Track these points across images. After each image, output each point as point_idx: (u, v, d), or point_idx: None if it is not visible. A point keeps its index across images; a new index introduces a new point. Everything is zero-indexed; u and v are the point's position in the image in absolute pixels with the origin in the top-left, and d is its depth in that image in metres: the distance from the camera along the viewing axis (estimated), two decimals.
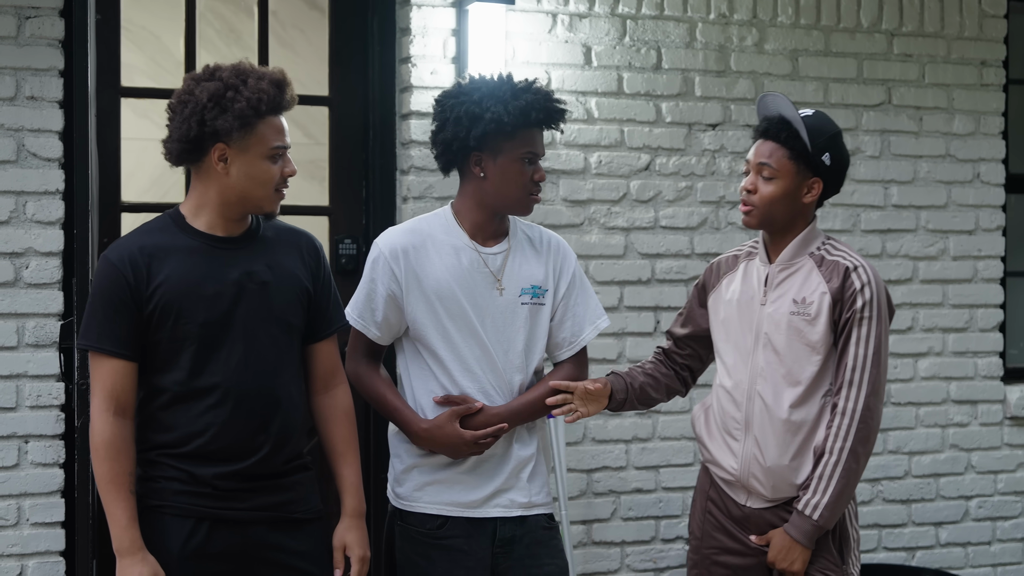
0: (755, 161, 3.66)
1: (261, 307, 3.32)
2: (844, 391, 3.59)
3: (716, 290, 3.85)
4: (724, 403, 3.76)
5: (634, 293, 5.34)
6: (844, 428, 3.58)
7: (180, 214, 3.35)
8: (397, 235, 3.64)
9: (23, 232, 4.55)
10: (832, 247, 3.72)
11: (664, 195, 5.40)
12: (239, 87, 3.23)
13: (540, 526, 3.64)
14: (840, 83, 5.65)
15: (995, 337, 5.93)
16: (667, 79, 5.40)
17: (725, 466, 3.75)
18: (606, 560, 5.34)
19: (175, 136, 3.28)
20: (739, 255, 3.86)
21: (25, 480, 4.55)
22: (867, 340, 3.60)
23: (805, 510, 3.60)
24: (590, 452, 5.30)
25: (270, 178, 3.29)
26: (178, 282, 3.25)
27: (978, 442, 5.90)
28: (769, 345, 3.67)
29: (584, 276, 3.79)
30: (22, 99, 4.56)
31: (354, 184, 5.21)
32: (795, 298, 3.65)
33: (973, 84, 5.86)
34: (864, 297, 3.61)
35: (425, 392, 3.60)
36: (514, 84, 3.57)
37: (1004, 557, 5.95)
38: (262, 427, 3.31)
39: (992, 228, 5.92)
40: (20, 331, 4.54)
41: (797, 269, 3.68)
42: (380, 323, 3.61)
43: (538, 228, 3.76)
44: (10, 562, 4.54)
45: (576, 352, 3.74)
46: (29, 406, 4.55)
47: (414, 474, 3.60)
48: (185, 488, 3.28)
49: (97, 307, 3.26)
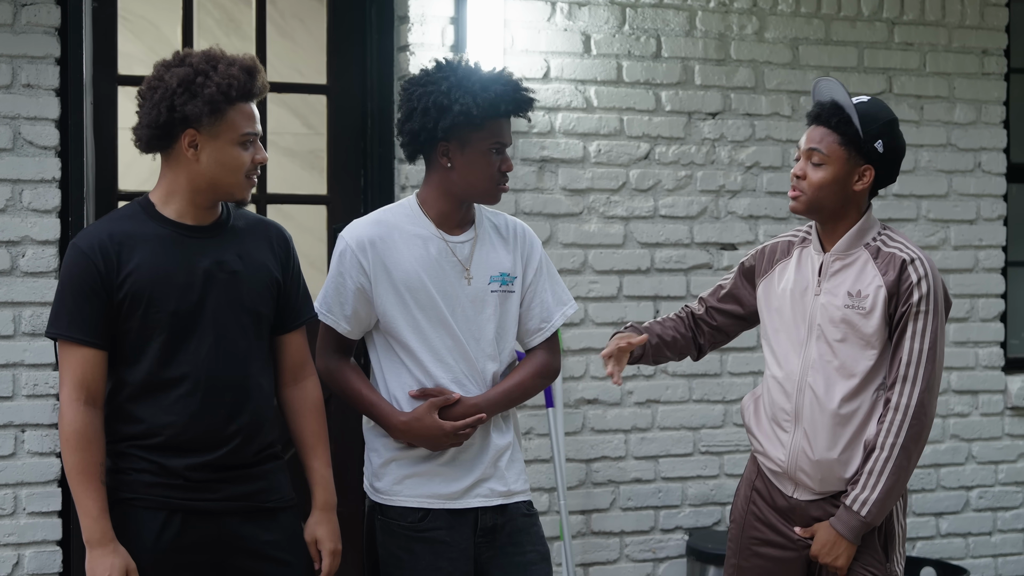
0: (805, 147, 3.59)
1: (231, 297, 3.29)
2: (898, 386, 3.52)
3: (768, 276, 3.76)
4: (774, 394, 3.69)
5: (633, 282, 5.33)
6: (897, 424, 3.51)
7: (150, 202, 3.31)
8: (363, 227, 3.58)
9: (19, 220, 4.54)
10: (888, 237, 3.63)
11: (664, 184, 5.39)
12: (209, 72, 3.20)
13: (520, 513, 3.62)
14: (841, 72, 5.62)
15: (996, 327, 5.92)
16: (667, 67, 5.38)
17: (773, 457, 3.68)
18: (605, 550, 5.32)
19: (144, 122, 3.25)
20: (793, 241, 3.77)
21: (22, 469, 4.54)
22: (923, 335, 3.52)
23: (853, 506, 3.53)
24: (589, 442, 5.29)
25: (240, 164, 3.26)
26: (149, 270, 3.22)
27: (979, 432, 5.88)
28: (823, 337, 3.60)
29: (550, 262, 3.75)
30: (18, 87, 4.54)
31: (352, 173, 5.19)
32: (850, 291, 3.57)
33: (974, 73, 5.84)
34: (921, 291, 3.52)
35: (399, 385, 3.56)
36: (483, 74, 3.52)
37: (1005, 547, 5.94)
38: (232, 417, 3.28)
39: (993, 217, 5.90)
40: (16, 320, 4.52)
41: (853, 260, 3.60)
42: (350, 317, 3.56)
43: (502, 215, 3.72)
44: (7, 551, 4.53)
45: (547, 338, 3.71)
46: (26, 395, 4.54)
47: (392, 467, 3.57)
48: (157, 480, 3.24)
49: (67, 295, 3.22)
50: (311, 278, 3.61)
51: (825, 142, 3.56)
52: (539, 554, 3.63)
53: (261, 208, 5.13)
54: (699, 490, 5.46)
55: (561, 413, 5.13)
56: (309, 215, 5.43)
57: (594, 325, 5.29)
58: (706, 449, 5.47)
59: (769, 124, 5.52)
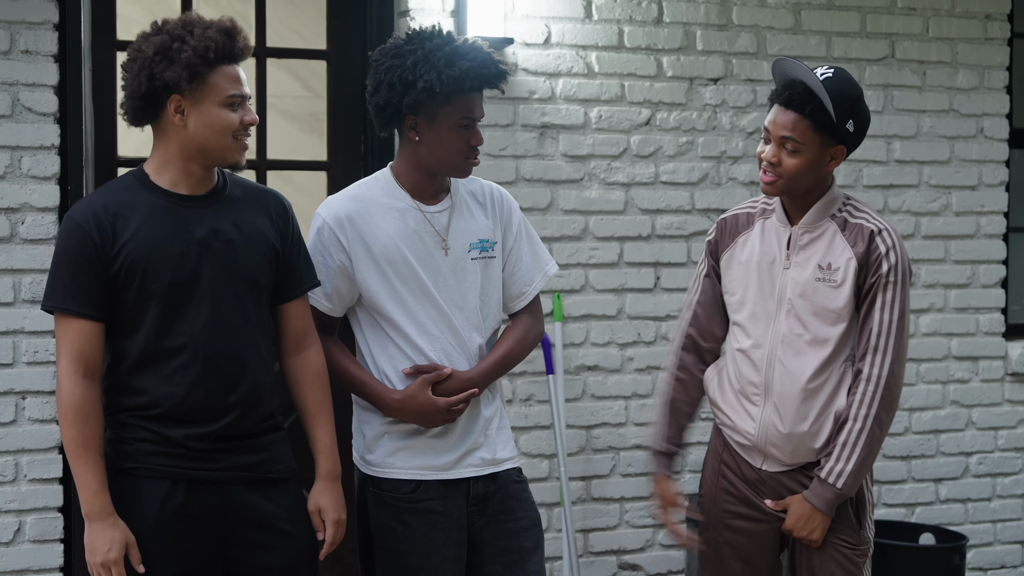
0: (777, 133, 3.53)
1: (228, 266, 3.27)
2: (869, 357, 3.54)
3: (731, 249, 3.75)
4: (742, 367, 3.68)
5: (634, 249, 5.31)
6: (869, 395, 3.53)
7: (144, 172, 3.29)
8: (339, 203, 3.55)
9: (19, 187, 4.52)
10: (854, 207, 3.64)
11: (665, 150, 5.37)
12: (185, 37, 3.18)
13: (511, 480, 3.63)
14: (843, 37, 5.60)
15: (997, 293, 5.91)
16: (668, 33, 5.35)
17: (742, 430, 3.69)
18: (605, 516, 5.34)
19: (128, 93, 3.24)
20: (753, 212, 3.75)
21: (23, 436, 4.54)
22: (892, 305, 3.54)
23: (828, 478, 3.55)
24: (589, 408, 5.29)
25: (228, 125, 3.23)
26: (144, 241, 3.20)
27: (979, 398, 5.88)
28: (792, 311, 3.60)
29: (529, 225, 3.73)
30: (16, 53, 4.52)
31: (352, 139, 5.17)
32: (820, 263, 3.58)
33: (977, 38, 5.81)
34: (890, 262, 3.54)
35: (387, 359, 3.54)
36: (452, 48, 3.44)
37: (1004, 513, 5.95)
38: (232, 387, 3.27)
39: (995, 183, 5.89)
40: (16, 287, 4.51)
41: (821, 233, 3.60)
42: (331, 295, 3.53)
43: (478, 181, 3.69)
44: (8, 518, 4.54)
45: (529, 302, 3.70)
46: (26, 362, 4.53)
47: (385, 440, 3.56)
48: (158, 449, 3.23)
49: (62, 267, 3.20)
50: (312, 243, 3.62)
51: (799, 129, 3.51)
52: (530, 520, 3.65)
53: (261, 174, 5.11)
54: (699, 456, 5.43)
55: (561, 379, 5.14)
56: (309, 179, 5.41)
57: (595, 292, 5.28)
58: (706, 416, 5.44)
59: (771, 90, 5.46)
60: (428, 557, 3.51)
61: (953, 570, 5.24)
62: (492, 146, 5.06)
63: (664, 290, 5.38)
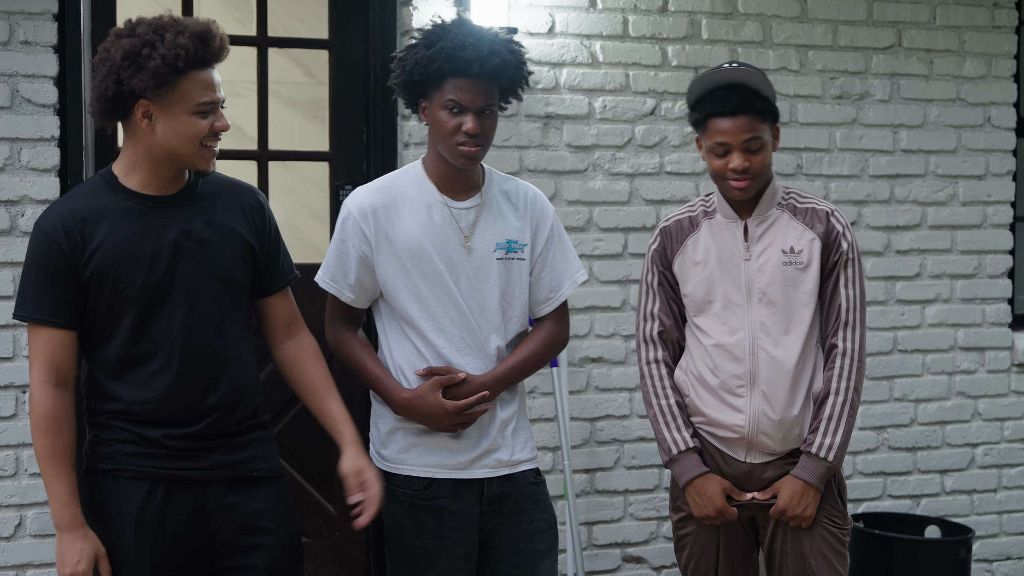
0: (739, 140, 3.59)
1: (201, 265, 3.22)
2: (843, 332, 3.66)
3: (681, 253, 3.77)
4: (720, 361, 3.69)
5: (639, 240, 5.27)
6: (847, 368, 3.65)
7: (112, 174, 3.23)
8: (366, 194, 3.53)
9: (18, 180, 4.49)
10: (797, 195, 3.76)
11: (669, 140, 5.33)
12: (155, 43, 3.08)
13: (527, 481, 3.59)
14: (849, 25, 5.55)
15: (1004, 283, 5.87)
16: (673, 22, 5.31)
17: (728, 425, 3.70)
18: (609, 508, 5.31)
19: (95, 95, 3.17)
20: (694, 215, 3.80)
21: (23, 430, 4.52)
22: (854, 281, 3.69)
23: (820, 452, 3.62)
24: (593, 400, 5.26)
25: (196, 133, 3.15)
26: (114, 245, 3.14)
27: (985, 389, 5.85)
28: (764, 298, 3.67)
29: (563, 230, 3.68)
30: (16, 44, 4.48)
31: (355, 129, 5.14)
32: (783, 248, 3.66)
33: (985, 26, 5.76)
34: (848, 239, 3.69)
35: (402, 355, 3.51)
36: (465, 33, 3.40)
37: (1010, 504, 5.92)
38: (211, 388, 3.22)
39: (1002, 173, 5.85)
40: (16, 280, 4.48)
41: (774, 220, 3.71)
42: (353, 285, 3.52)
43: (515, 181, 3.65)
44: (9, 512, 4.52)
45: (556, 308, 3.65)
46: (26, 356, 4.50)
47: (398, 436, 3.53)
48: (138, 450, 3.19)
49: (31, 276, 3.16)
50: (314, 230, 3.56)
51: (758, 128, 3.62)
52: (545, 522, 3.61)
53: (263, 165, 5.08)
54: None
55: (565, 372, 5.10)
56: (311, 171, 5.38)
57: (599, 283, 5.24)
58: None
59: (776, 79, 5.43)
60: (438, 555, 3.49)
61: (959, 563, 5.22)
62: (496, 137, 4.97)
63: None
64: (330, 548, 5.17)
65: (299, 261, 3.59)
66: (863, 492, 5.64)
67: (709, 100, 3.63)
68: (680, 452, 3.76)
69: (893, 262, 5.65)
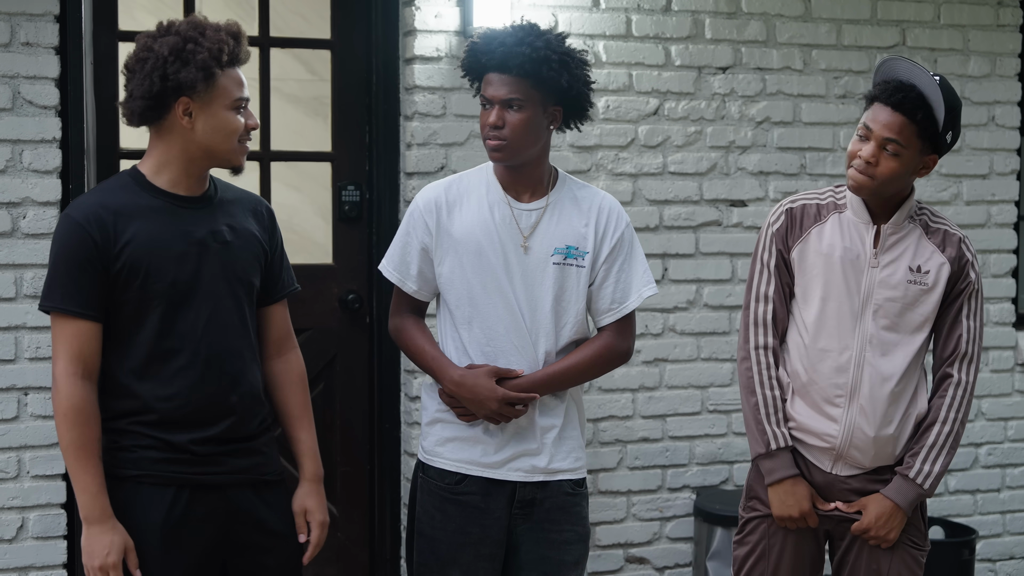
0: (881, 134, 3.43)
1: (225, 267, 3.27)
2: (959, 363, 3.57)
3: (804, 240, 3.62)
4: (823, 368, 3.58)
5: (642, 240, 5.21)
6: (959, 400, 3.56)
7: (140, 172, 3.26)
8: (435, 189, 3.60)
9: (20, 181, 4.48)
10: (930, 212, 3.62)
11: (673, 140, 5.31)
12: (198, 39, 3.16)
13: (563, 491, 3.57)
14: (853, 24, 5.53)
15: (1008, 283, 5.86)
16: (676, 21, 5.29)
17: (820, 433, 3.59)
18: (612, 509, 5.30)
19: (137, 94, 3.18)
20: (822, 204, 3.64)
21: (25, 432, 4.51)
22: (978, 313, 3.59)
23: (917, 479, 3.52)
24: (596, 401, 5.25)
25: (235, 129, 3.22)
26: (145, 241, 3.17)
27: (989, 389, 5.84)
28: (881, 311, 3.54)
29: (636, 242, 3.63)
30: (17, 45, 4.47)
31: (357, 130, 5.12)
32: (911, 265, 3.54)
33: (989, 25, 5.74)
34: (976, 270, 3.58)
35: (454, 349, 3.55)
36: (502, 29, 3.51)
37: (1013, 504, 5.91)
38: (232, 388, 3.26)
39: (1006, 172, 5.83)
40: (18, 282, 4.48)
41: (907, 233, 3.56)
42: (415, 276, 3.58)
43: (591, 188, 3.66)
44: (11, 515, 4.52)
45: (618, 319, 3.60)
46: (28, 358, 4.50)
47: (437, 428, 3.58)
48: (163, 456, 3.20)
49: (60, 267, 3.16)
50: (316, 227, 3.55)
51: (905, 134, 3.42)
52: (576, 534, 3.61)
53: (265, 165, 5.07)
54: (706, 449, 5.43)
55: None
56: (313, 172, 5.36)
57: None
58: (714, 408, 5.43)
59: (780, 78, 5.43)
60: (462, 550, 3.52)
61: (963, 565, 5.22)
62: None
63: (672, 281, 5.33)
64: (332, 549, 5.16)
65: (300, 261, 3.60)
66: None
67: (885, 87, 3.47)
68: (778, 448, 3.62)
69: None
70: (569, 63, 3.47)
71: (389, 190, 5.06)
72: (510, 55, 3.43)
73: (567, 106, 3.53)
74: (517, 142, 3.46)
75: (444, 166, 4.95)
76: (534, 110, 3.45)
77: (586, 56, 3.56)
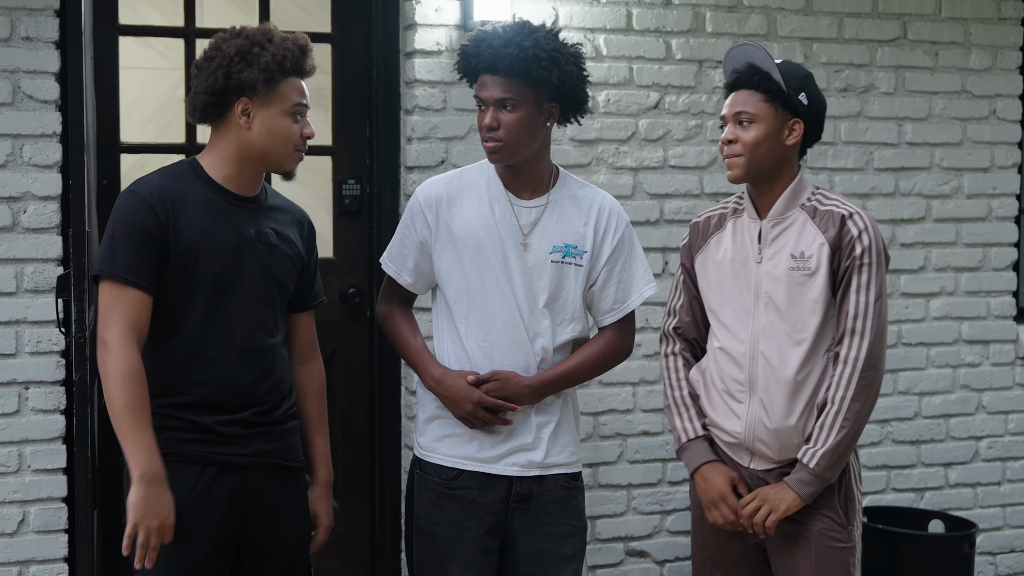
0: (731, 112, 3.58)
1: (266, 267, 3.41)
2: (847, 340, 3.52)
3: (704, 251, 3.74)
4: (724, 365, 3.66)
5: (643, 234, 5.25)
6: (846, 377, 3.51)
7: (198, 163, 3.41)
8: (435, 184, 3.64)
9: (20, 176, 4.48)
10: (823, 197, 3.63)
11: (673, 134, 5.31)
12: (265, 44, 3.32)
13: (560, 485, 3.61)
14: (854, 18, 5.53)
15: (1008, 276, 5.86)
16: (677, 15, 5.28)
17: (728, 429, 3.67)
18: (612, 503, 5.31)
19: (201, 89, 3.35)
20: (724, 212, 3.76)
21: (26, 427, 4.52)
22: (867, 287, 3.53)
23: (803, 458, 3.54)
24: (597, 395, 5.25)
25: (290, 135, 3.36)
26: (199, 229, 3.31)
27: (989, 382, 5.84)
28: (770, 304, 3.59)
29: (636, 242, 3.69)
30: (17, 40, 4.47)
31: (358, 124, 5.12)
32: (793, 253, 3.57)
33: (990, 18, 5.74)
34: (863, 244, 3.53)
35: (451, 345, 3.59)
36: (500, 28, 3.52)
37: (1013, 498, 5.92)
38: (262, 380, 3.39)
39: (1008, 165, 5.82)
40: (19, 277, 4.48)
41: (791, 223, 3.60)
42: (412, 270, 3.62)
43: (590, 188, 3.69)
44: (12, 509, 4.52)
45: (619, 319, 3.66)
46: (29, 352, 4.50)
47: (434, 425, 3.61)
48: (190, 436, 3.33)
49: (123, 238, 3.26)
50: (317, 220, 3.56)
51: (751, 102, 3.55)
52: (573, 528, 3.64)
53: None
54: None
55: None
56: (313, 166, 5.34)
57: None
58: None
59: None
60: (460, 545, 3.55)
61: (962, 558, 5.22)
62: None
63: (672, 275, 5.31)
64: (334, 542, 5.14)
65: None
66: (867, 486, 5.63)
67: (726, 81, 3.67)
68: (689, 440, 3.74)
69: (898, 255, 5.63)
70: (559, 59, 3.47)
71: (389, 184, 5.07)
72: (498, 56, 3.45)
73: (563, 102, 3.54)
74: (513, 142, 3.48)
75: (444, 160, 4.95)
76: (528, 109, 3.47)
77: (580, 49, 3.57)
